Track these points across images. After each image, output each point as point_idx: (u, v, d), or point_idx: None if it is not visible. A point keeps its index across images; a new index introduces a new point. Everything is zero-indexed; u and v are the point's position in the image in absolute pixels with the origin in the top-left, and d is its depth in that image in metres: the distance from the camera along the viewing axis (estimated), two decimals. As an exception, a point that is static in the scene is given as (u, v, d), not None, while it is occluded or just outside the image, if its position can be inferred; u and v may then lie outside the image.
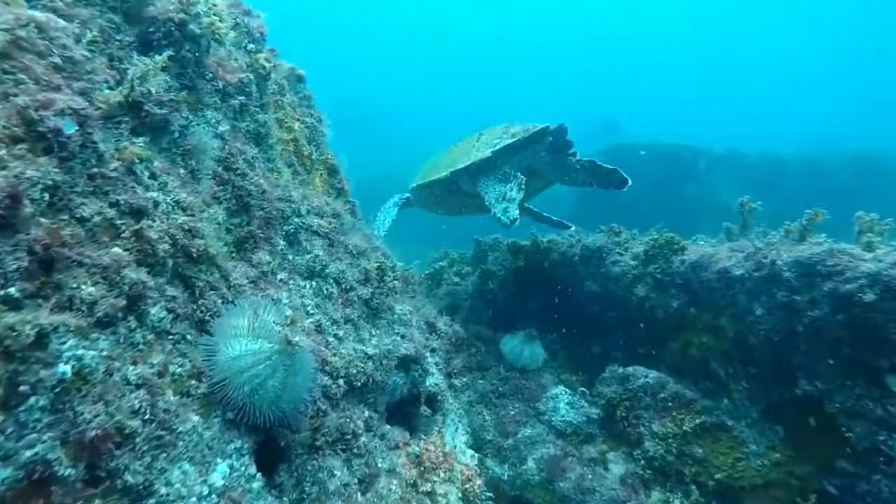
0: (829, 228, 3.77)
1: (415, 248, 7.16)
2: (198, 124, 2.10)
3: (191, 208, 1.82)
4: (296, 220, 2.47)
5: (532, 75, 64.76)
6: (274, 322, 1.82)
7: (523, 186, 4.42)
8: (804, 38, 59.01)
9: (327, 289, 2.48)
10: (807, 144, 17.12)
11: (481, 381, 4.63)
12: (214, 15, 2.16)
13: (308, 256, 2.46)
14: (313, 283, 2.44)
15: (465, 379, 4.63)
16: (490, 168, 4.55)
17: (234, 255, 2.14)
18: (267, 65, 2.51)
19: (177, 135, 1.96)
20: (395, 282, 2.86)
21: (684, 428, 3.97)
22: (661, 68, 62.55)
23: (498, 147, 4.44)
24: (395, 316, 2.83)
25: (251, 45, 2.57)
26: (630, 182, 4.89)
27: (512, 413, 4.36)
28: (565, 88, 61.79)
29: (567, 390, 4.46)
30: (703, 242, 5.34)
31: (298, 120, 2.74)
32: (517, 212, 4.31)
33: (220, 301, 1.88)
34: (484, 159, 4.47)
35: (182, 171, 1.95)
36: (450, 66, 64.57)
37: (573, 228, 5.43)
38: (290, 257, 2.43)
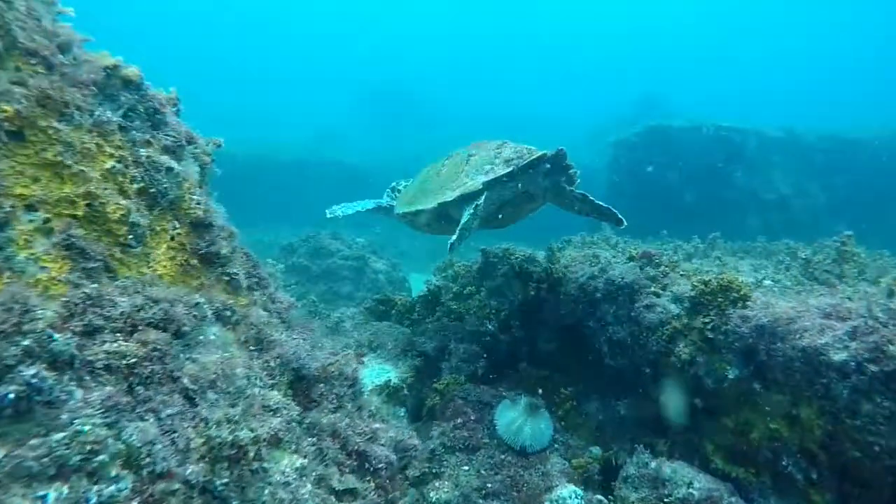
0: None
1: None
2: None
3: None
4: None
5: (573, 47, 62.04)
6: None
7: (480, 215, 4.08)
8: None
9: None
10: (874, 125, 14.96)
11: (466, 469, 3.51)
12: None
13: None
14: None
15: (444, 464, 3.52)
16: (479, 195, 4.09)
17: None
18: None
19: None
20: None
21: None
22: (708, 45, 58.79)
23: (489, 178, 4.06)
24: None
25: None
26: (626, 223, 4.35)
27: (504, 524, 3.24)
28: (607, 63, 58.96)
29: (579, 492, 3.29)
30: (769, 282, 4.04)
31: (113, 156, 1.62)
32: (461, 244, 3.96)
33: None
34: (474, 191, 4.06)
35: None
36: (490, 35, 62.43)
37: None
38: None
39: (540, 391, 4.11)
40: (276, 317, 2.34)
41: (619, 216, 4.33)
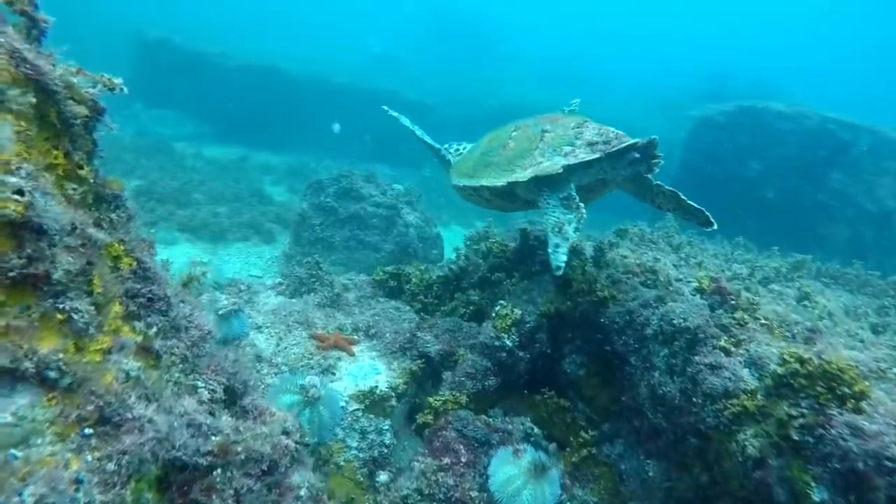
0: None
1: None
2: None
3: None
4: None
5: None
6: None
7: (581, 224, 3.60)
8: None
9: None
10: None
11: (442, 532, 2.82)
12: None
13: None
14: None
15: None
16: (555, 180, 3.74)
17: None
18: None
19: None
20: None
21: None
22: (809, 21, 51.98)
23: (572, 162, 3.65)
24: None
25: None
26: (715, 226, 3.85)
27: None
28: (688, 28, 53.68)
29: None
30: None
31: None
32: (566, 257, 3.47)
33: None
34: (552, 174, 3.68)
35: None
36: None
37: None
38: None
39: (553, 447, 3.31)
40: (173, 357, 1.60)
41: (710, 217, 3.84)
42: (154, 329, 1.55)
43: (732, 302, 3.35)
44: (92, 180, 1.56)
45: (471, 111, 21.56)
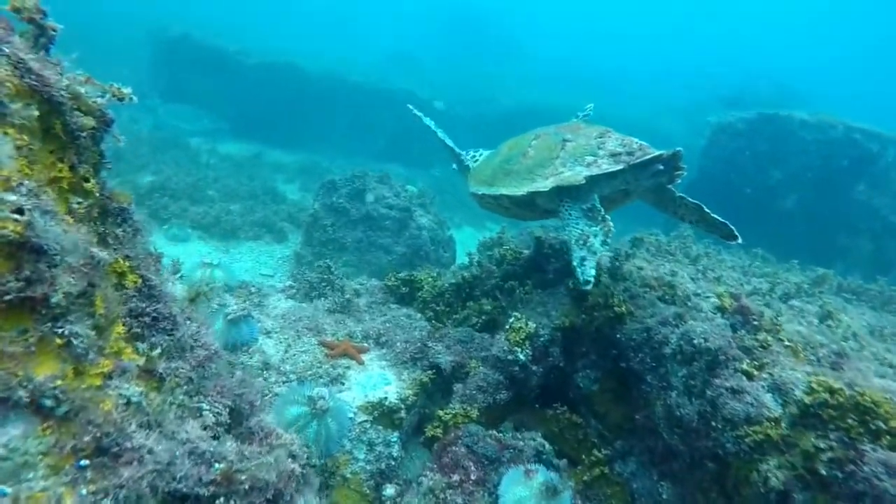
0: None
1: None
2: None
3: None
4: None
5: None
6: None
7: (610, 237, 3.51)
8: None
9: None
10: None
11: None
12: None
13: None
14: None
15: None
16: (577, 190, 3.69)
17: None
18: None
19: None
20: None
21: None
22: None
23: (595, 173, 3.59)
24: None
25: None
26: (740, 239, 3.81)
27: None
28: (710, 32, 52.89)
29: None
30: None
31: None
32: (594, 271, 3.38)
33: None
34: (573, 185, 3.63)
35: None
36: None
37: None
38: None
39: (564, 463, 3.22)
40: (177, 379, 1.54)
41: (734, 231, 3.81)
42: (158, 350, 1.49)
43: (755, 322, 3.24)
44: (98, 193, 1.50)
45: (484, 111, 21.45)
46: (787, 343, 3.20)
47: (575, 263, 3.42)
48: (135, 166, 11.05)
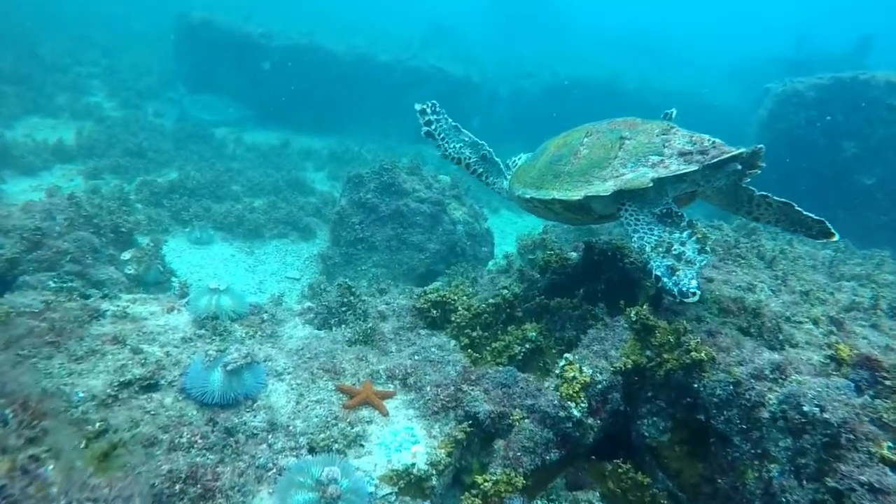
0: None
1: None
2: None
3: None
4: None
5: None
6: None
7: (709, 245, 3.17)
8: None
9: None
10: None
11: None
12: None
13: None
14: None
15: None
16: (642, 194, 3.37)
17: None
18: None
19: None
20: None
21: None
22: None
23: (663, 175, 3.23)
24: None
25: None
26: (837, 237, 3.47)
27: None
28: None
29: None
30: None
31: None
32: (697, 281, 3.01)
33: None
34: (638, 188, 3.27)
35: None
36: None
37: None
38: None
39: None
40: None
41: (830, 228, 3.52)
42: None
43: (888, 381, 2.49)
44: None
45: (523, 86, 20.38)
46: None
47: (659, 273, 3.11)
48: (157, 163, 10.74)
